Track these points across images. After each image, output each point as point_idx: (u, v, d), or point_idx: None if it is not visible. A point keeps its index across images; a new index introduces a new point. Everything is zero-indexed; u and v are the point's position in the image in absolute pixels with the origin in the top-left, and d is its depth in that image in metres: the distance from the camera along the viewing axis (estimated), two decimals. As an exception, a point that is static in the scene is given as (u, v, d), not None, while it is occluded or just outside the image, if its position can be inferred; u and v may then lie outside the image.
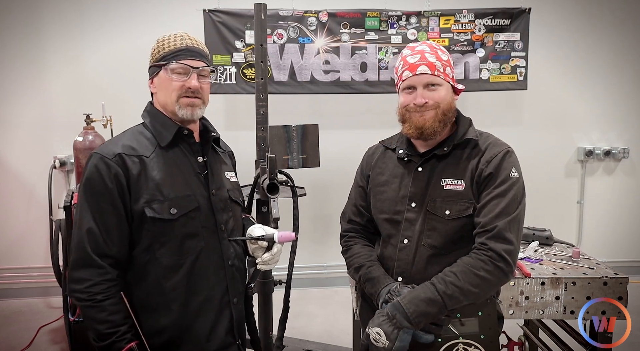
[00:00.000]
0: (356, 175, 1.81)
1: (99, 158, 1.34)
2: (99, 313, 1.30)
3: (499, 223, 1.42)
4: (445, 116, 1.51)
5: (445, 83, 1.51)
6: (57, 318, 3.54)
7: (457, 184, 1.50)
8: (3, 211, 3.95)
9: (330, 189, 4.12)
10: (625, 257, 4.39)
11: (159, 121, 1.45)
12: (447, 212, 1.49)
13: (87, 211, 1.33)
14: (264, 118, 2.56)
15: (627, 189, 4.41)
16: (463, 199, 1.49)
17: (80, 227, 1.33)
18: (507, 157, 1.50)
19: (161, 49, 1.42)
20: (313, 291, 4.11)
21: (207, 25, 3.65)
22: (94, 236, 1.32)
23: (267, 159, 1.92)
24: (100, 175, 1.33)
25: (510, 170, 1.48)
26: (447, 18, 3.85)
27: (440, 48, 1.55)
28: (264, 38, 2.54)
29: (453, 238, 1.49)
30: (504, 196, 1.45)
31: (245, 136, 3.35)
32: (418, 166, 1.57)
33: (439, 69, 1.50)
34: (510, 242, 1.42)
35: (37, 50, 3.82)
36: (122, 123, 3.91)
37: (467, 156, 1.53)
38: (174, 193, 1.38)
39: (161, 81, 1.42)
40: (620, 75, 4.26)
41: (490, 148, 1.52)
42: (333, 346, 3.08)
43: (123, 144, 1.39)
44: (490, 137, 1.58)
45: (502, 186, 1.46)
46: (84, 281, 1.31)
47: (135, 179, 1.35)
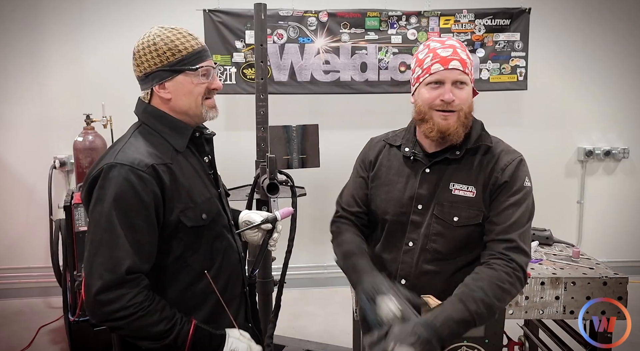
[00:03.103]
0: (356, 164, 1.73)
1: (129, 170, 1.21)
2: (151, 316, 1.22)
3: (515, 234, 1.38)
4: (467, 119, 1.44)
5: (470, 84, 1.44)
6: (57, 318, 3.54)
7: (467, 191, 1.45)
8: (3, 211, 3.95)
9: (330, 189, 4.08)
10: (625, 257, 4.39)
11: (168, 124, 1.35)
12: (455, 219, 1.45)
13: (118, 229, 1.20)
14: (264, 118, 2.56)
15: (627, 189, 4.41)
16: (473, 206, 1.45)
17: (111, 247, 1.20)
18: (522, 165, 1.46)
19: (175, 51, 1.30)
20: (313, 291, 4.11)
21: (207, 25, 3.65)
22: (129, 257, 1.20)
23: (267, 159, 1.92)
24: (134, 189, 1.21)
25: (524, 179, 1.44)
26: (447, 18, 3.85)
27: (457, 44, 1.46)
28: (264, 38, 2.54)
29: (459, 245, 1.46)
30: (519, 206, 1.41)
31: (245, 136, 3.35)
32: (426, 167, 1.50)
33: (469, 68, 1.43)
34: (527, 254, 1.41)
35: (37, 51, 3.82)
36: (122, 123, 3.91)
37: (479, 162, 1.47)
38: (200, 198, 1.35)
39: (181, 85, 1.33)
40: (620, 75, 4.26)
41: (504, 155, 1.47)
42: (333, 346, 3.08)
43: (148, 152, 1.28)
44: (500, 143, 1.53)
45: (517, 195, 1.42)
46: (122, 297, 1.19)
47: (169, 190, 1.27)
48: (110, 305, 1.19)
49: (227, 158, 3.18)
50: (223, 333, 1.35)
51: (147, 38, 1.32)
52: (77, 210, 2.89)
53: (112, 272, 1.18)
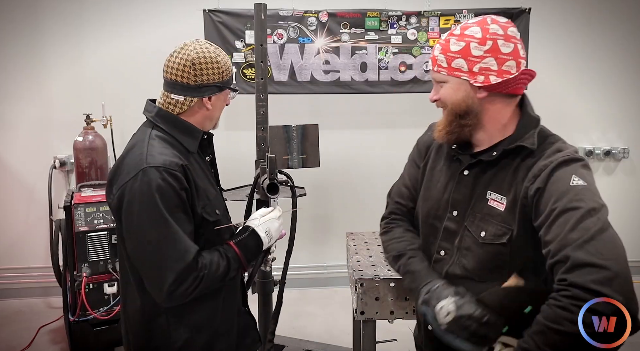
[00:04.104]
0: (413, 150, 1.57)
1: (164, 171, 1.32)
2: (213, 274, 1.37)
3: (572, 248, 1.06)
4: (457, 117, 1.27)
5: (451, 79, 1.26)
6: (57, 318, 3.53)
7: (499, 202, 1.25)
8: (3, 211, 3.95)
9: (330, 189, 4.12)
10: (625, 257, 4.39)
11: (182, 128, 1.45)
12: (482, 233, 1.26)
13: (172, 224, 1.31)
14: (264, 118, 2.56)
15: (627, 189, 4.41)
16: (501, 222, 1.23)
17: (173, 241, 1.31)
18: (564, 166, 1.17)
19: (227, 72, 1.46)
20: (313, 291, 4.11)
21: (207, 25, 3.65)
22: (190, 245, 1.34)
23: (267, 159, 1.92)
24: (173, 188, 1.32)
25: (570, 178, 1.15)
26: (447, 18, 3.85)
27: (461, 34, 1.25)
28: (264, 38, 2.54)
29: (488, 266, 1.25)
30: (574, 209, 1.10)
31: (245, 136, 3.35)
32: (464, 169, 1.33)
33: (441, 64, 1.27)
34: (603, 266, 1.02)
35: (37, 51, 3.82)
36: (122, 123, 3.95)
37: (515, 167, 1.25)
38: (211, 195, 1.48)
39: (221, 100, 1.49)
40: (620, 75, 4.26)
41: (544, 159, 1.21)
42: (333, 346, 3.08)
43: (172, 153, 1.38)
44: (555, 144, 1.26)
45: (565, 197, 1.12)
46: (195, 279, 1.33)
47: (193, 188, 1.38)
48: (186, 289, 1.32)
49: (227, 158, 3.18)
50: (250, 228, 1.52)
51: (208, 53, 1.41)
52: (77, 210, 2.89)
53: (182, 261, 1.31)
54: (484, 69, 1.22)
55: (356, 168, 4.10)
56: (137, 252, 1.36)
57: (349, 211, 4.17)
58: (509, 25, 1.25)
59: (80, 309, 2.86)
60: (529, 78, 1.27)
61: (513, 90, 1.26)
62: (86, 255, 2.87)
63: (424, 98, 4.03)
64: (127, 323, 1.51)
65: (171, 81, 1.42)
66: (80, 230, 2.88)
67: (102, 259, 2.90)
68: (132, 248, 1.37)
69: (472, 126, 1.28)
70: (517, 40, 1.24)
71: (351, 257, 2.21)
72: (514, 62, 1.23)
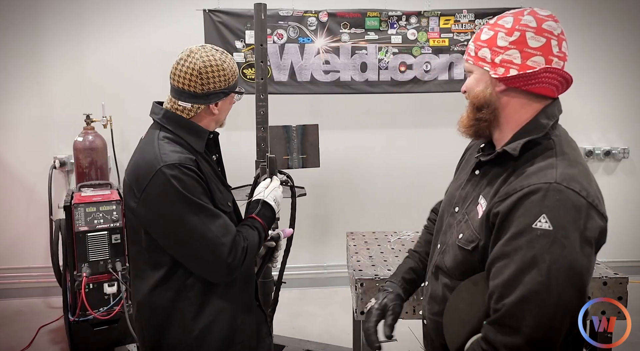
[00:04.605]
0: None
1: (180, 165, 1.38)
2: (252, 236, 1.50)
3: (507, 300, 1.01)
4: (477, 110, 1.19)
5: (476, 68, 1.19)
6: (57, 318, 3.53)
7: (482, 208, 1.16)
8: (3, 211, 3.94)
9: (330, 189, 4.11)
10: (625, 257, 4.38)
11: (189, 128, 1.49)
12: (460, 236, 1.21)
13: (206, 206, 1.41)
14: (264, 118, 2.56)
15: (627, 189, 4.41)
16: (475, 229, 1.17)
17: (212, 220, 1.41)
18: (536, 197, 1.03)
19: (233, 77, 1.49)
20: (313, 291, 4.11)
21: (207, 25, 3.65)
22: (227, 220, 1.44)
23: (267, 159, 1.92)
24: (192, 179, 1.39)
25: (536, 218, 1.01)
26: (447, 18, 3.85)
27: (494, 23, 1.18)
28: (264, 38, 2.54)
29: (460, 268, 1.21)
30: (514, 256, 1.02)
31: (245, 136, 3.35)
32: (476, 168, 1.27)
33: (470, 53, 1.21)
34: (520, 332, 0.99)
35: (37, 51, 3.82)
36: (122, 123, 3.94)
37: (506, 175, 1.15)
38: (222, 190, 1.55)
39: (227, 104, 1.55)
40: (620, 75, 4.26)
41: (525, 177, 1.08)
42: (333, 346, 3.08)
43: (183, 151, 1.45)
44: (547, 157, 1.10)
45: (515, 241, 1.03)
46: (243, 248, 1.45)
47: (206, 180, 1.45)
48: (239, 259, 1.43)
49: (227, 158, 3.15)
50: (261, 200, 1.61)
51: (214, 60, 1.44)
52: (77, 210, 2.89)
53: (229, 234, 1.42)
54: (506, 61, 1.14)
55: (356, 168, 4.10)
56: (183, 244, 1.41)
57: (349, 211, 4.17)
58: (547, 19, 1.14)
59: (80, 309, 2.86)
60: (557, 78, 1.15)
61: (535, 88, 1.14)
62: (86, 255, 2.87)
63: (424, 98, 4.07)
64: (141, 319, 1.53)
65: (178, 88, 1.45)
66: (80, 230, 2.88)
67: (102, 259, 2.90)
68: (175, 243, 1.42)
69: (488, 121, 1.19)
70: (553, 36, 1.13)
71: (351, 257, 2.21)
72: (542, 58, 1.12)
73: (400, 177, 4.14)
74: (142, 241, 1.46)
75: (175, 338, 1.47)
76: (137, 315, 1.55)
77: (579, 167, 1.10)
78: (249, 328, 1.58)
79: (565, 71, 1.16)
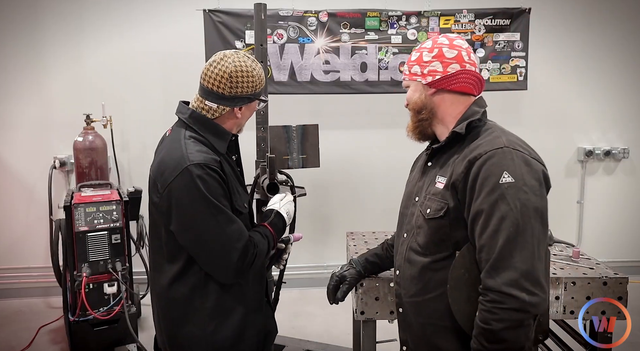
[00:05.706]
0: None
1: (205, 166, 1.45)
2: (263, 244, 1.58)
3: (496, 247, 1.24)
4: (417, 113, 1.49)
5: (412, 83, 1.51)
6: (57, 318, 3.54)
7: (441, 182, 1.42)
8: (3, 211, 3.95)
9: (330, 189, 4.12)
10: (625, 257, 4.39)
11: (214, 130, 1.56)
12: (427, 211, 1.43)
13: (223, 209, 1.46)
14: (264, 118, 2.56)
15: (627, 189, 4.41)
16: (440, 198, 1.40)
17: (226, 223, 1.47)
18: (495, 159, 1.30)
19: (260, 85, 1.57)
20: (313, 291, 4.11)
21: (207, 25, 3.65)
22: (241, 226, 1.50)
23: (267, 159, 1.92)
24: (214, 180, 1.46)
25: (500, 175, 1.27)
26: (447, 18, 3.86)
27: (419, 48, 1.51)
28: (264, 38, 2.54)
29: (434, 240, 1.42)
30: (492, 210, 1.26)
31: (245, 136, 3.33)
32: (427, 161, 1.54)
33: (405, 72, 1.53)
34: (513, 268, 1.22)
35: (37, 51, 3.82)
36: (122, 123, 3.93)
37: (454, 152, 1.44)
38: (240, 190, 1.62)
39: (249, 110, 1.62)
40: (620, 75, 4.26)
41: (479, 147, 1.36)
42: (333, 346, 3.08)
43: (207, 151, 1.51)
44: (491, 133, 1.41)
45: (490, 197, 1.27)
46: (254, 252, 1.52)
47: (227, 181, 1.52)
48: (248, 264, 1.50)
49: (227, 158, 3.18)
50: (275, 211, 1.72)
51: (245, 66, 1.51)
52: (77, 210, 2.89)
53: (242, 239, 1.49)
54: (432, 71, 1.46)
55: (356, 168, 4.11)
56: (198, 242, 1.47)
57: (349, 211, 4.17)
58: (456, 38, 1.49)
59: (80, 309, 2.86)
60: (472, 78, 1.46)
61: (457, 87, 1.45)
62: (86, 255, 2.87)
63: (424, 98, 4.06)
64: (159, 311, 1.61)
65: (207, 88, 1.53)
66: (80, 230, 2.88)
67: (102, 259, 2.90)
68: (190, 240, 1.48)
69: (429, 120, 1.49)
70: (462, 48, 1.46)
71: (351, 257, 2.21)
72: (457, 65, 1.44)
73: (400, 177, 4.11)
74: (162, 235, 1.54)
75: (191, 333, 1.54)
76: (156, 306, 1.64)
77: (515, 137, 1.41)
78: (259, 324, 1.65)
79: (477, 72, 1.47)
